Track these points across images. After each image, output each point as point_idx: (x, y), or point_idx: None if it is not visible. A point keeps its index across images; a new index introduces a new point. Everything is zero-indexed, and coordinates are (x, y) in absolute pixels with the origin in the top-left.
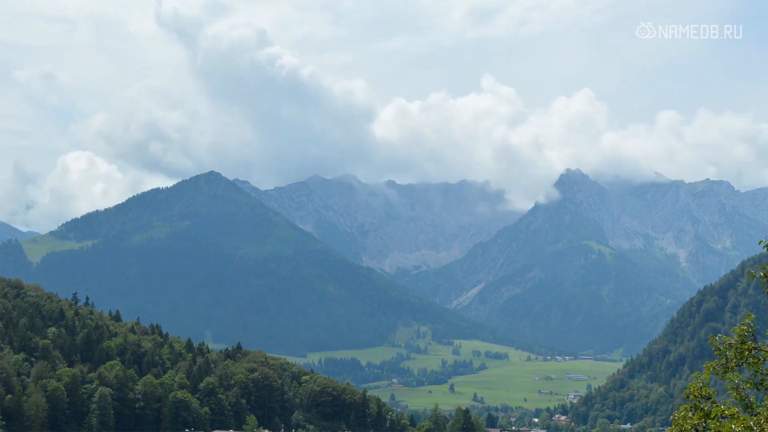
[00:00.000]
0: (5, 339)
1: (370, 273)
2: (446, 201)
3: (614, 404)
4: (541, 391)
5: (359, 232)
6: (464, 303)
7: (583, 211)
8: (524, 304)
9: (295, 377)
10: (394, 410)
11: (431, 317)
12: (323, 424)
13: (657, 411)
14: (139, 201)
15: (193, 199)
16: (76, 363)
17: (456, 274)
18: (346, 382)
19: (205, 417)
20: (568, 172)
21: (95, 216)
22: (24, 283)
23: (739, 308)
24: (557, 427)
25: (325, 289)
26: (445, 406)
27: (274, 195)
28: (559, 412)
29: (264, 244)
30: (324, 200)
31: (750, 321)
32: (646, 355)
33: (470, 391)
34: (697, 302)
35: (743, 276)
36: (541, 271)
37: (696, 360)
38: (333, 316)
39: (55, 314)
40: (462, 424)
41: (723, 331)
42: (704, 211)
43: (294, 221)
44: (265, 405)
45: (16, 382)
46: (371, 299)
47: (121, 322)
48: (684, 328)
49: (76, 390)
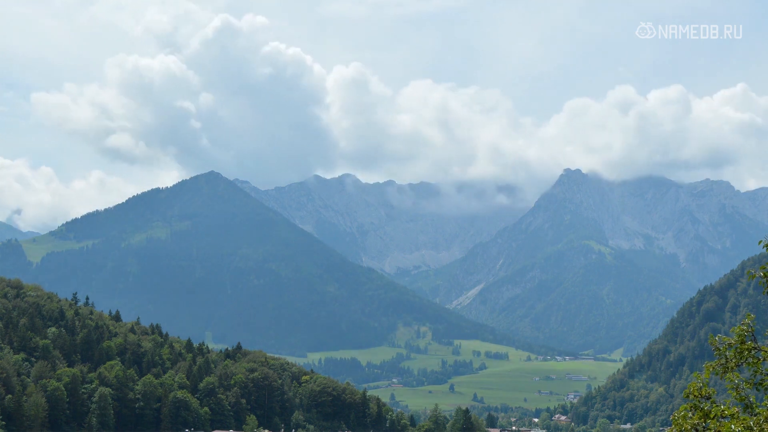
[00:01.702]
0: (5, 339)
1: (370, 273)
2: (446, 201)
3: (614, 404)
4: (541, 391)
5: (359, 232)
6: (464, 303)
7: (583, 211)
8: (524, 304)
9: (295, 377)
10: (394, 410)
11: (431, 317)
12: (323, 424)
13: (657, 411)
14: (139, 201)
15: (193, 199)
16: (76, 363)
17: (456, 274)
18: (346, 382)
19: (205, 417)
20: (568, 172)
21: (95, 216)
22: (24, 283)
23: (739, 308)
24: (557, 427)
25: (325, 289)
26: (445, 406)
27: (274, 195)
28: (559, 412)
29: (264, 244)
30: (324, 200)
31: (750, 321)
32: (646, 355)
33: (470, 391)
34: (697, 302)
35: (743, 276)
36: (541, 271)
37: (696, 360)
38: (333, 316)
39: (55, 314)
40: (462, 424)
41: (723, 331)
42: (704, 211)
43: (294, 221)
44: (265, 405)
45: (16, 382)
46: (371, 299)
47: (121, 322)
48: (684, 328)
49: (76, 390)
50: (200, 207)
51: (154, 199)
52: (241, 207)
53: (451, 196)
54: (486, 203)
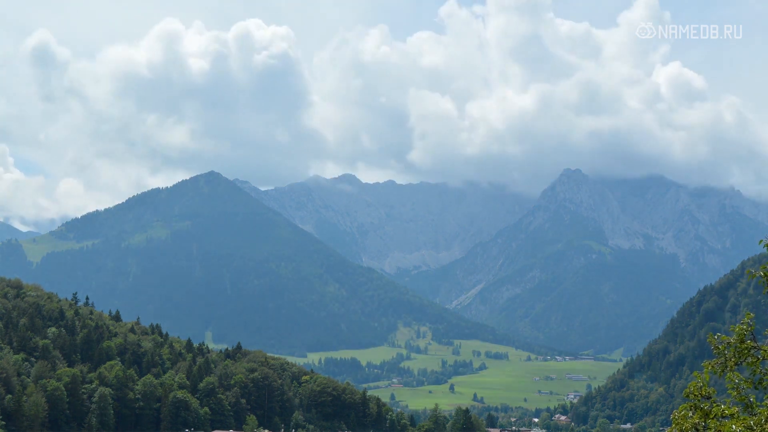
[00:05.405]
0: (5, 339)
1: (370, 273)
2: (446, 201)
3: (614, 404)
4: (541, 391)
5: (359, 232)
6: (464, 303)
7: (583, 211)
8: (524, 304)
9: (295, 377)
10: (394, 410)
11: (431, 317)
12: (323, 424)
13: (657, 411)
14: (139, 201)
15: (193, 199)
16: (76, 363)
17: (456, 274)
18: (346, 382)
19: (205, 417)
20: (568, 172)
21: (95, 216)
22: (24, 283)
23: (739, 308)
24: (557, 427)
25: (325, 289)
26: (445, 406)
27: (274, 195)
28: (559, 412)
29: (264, 244)
30: (324, 200)
31: (749, 320)
32: (646, 355)
33: (470, 391)
34: (697, 302)
35: (743, 276)
36: (541, 271)
37: (696, 360)
38: (333, 316)
39: (55, 314)
40: (462, 424)
41: (723, 331)
42: (704, 211)
43: (294, 221)
44: (265, 405)
45: (16, 382)
46: (371, 299)
47: (121, 322)
48: (684, 328)
49: (76, 390)
50: (200, 207)
51: (154, 199)
52: (241, 207)
53: (451, 195)
54: (486, 203)
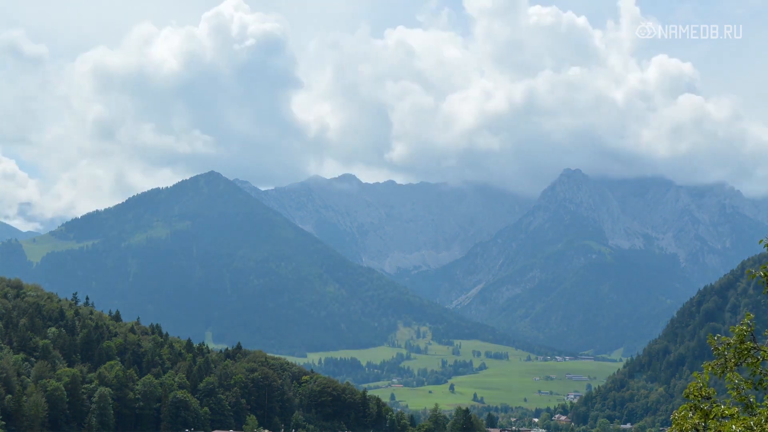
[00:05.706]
0: (5, 339)
1: (370, 273)
2: (446, 201)
3: (614, 404)
4: (541, 391)
5: (359, 232)
6: (464, 303)
7: (583, 211)
8: (524, 304)
9: (295, 377)
10: (394, 410)
11: (431, 317)
12: (323, 424)
13: (657, 411)
14: (139, 201)
15: (193, 199)
16: (76, 363)
17: (456, 274)
18: (346, 382)
19: (204, 417)
20: (568, 172)
21: (95, 216)
22: (24, 283)
23: (739, 308)
24: (557, 427)
25: (325, 289)
26: (445, 406)
27: (274, 195)
28: (559, 412)
29: (264, 244)
30: (324, 200)
31: (749, 321)
32: (646, 355)
33: (470, 391)
34: (697, 302)
35: (743, 276)
36: (541, 271)
37: (696, 360)
38: (333, 316)
39: (55, 314)
40: (462, 424)
41: (723, 331)
42: (704, 211)
43: (294, 221)
44: (265, 405)
45: (16, 382)
46: (371, 299)
47: (121, 322)
48: (684, 328)
49: (76, 390)
50: (200, 207)
51: (154, 199)
52: (241, 207)
53: (451, 195)
54: (486, 203)
